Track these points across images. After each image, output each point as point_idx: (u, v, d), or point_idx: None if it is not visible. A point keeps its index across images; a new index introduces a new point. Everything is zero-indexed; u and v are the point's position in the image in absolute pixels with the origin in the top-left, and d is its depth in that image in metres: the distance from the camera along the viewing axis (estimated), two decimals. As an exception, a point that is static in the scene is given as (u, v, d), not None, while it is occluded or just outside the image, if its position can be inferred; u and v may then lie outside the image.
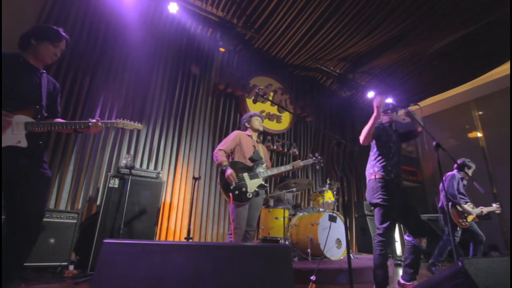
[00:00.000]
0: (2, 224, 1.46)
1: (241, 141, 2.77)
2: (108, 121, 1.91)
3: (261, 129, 2.95)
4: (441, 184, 3.83)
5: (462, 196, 3.74)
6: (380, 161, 2.34)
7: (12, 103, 1.45)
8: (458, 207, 3.63)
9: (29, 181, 1.50)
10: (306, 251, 3.57)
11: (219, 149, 2.70)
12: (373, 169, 2.36)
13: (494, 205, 3.87)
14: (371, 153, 2.46)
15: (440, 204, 3.82)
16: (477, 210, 3.72)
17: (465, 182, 3.85)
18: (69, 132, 1.80)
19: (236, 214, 2.49)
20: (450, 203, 3.64)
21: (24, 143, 1.46)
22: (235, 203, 2.49)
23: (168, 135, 4.35)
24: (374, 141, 2.45)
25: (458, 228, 3.61)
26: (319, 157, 3.08)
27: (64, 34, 1.76)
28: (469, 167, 3.87)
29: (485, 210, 3.78)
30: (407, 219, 2.29)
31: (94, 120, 1.76)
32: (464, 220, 3.59)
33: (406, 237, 2.32)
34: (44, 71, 1.73)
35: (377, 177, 2.30)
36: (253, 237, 2.68)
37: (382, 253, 2.14)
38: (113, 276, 1.12)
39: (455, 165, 3.82)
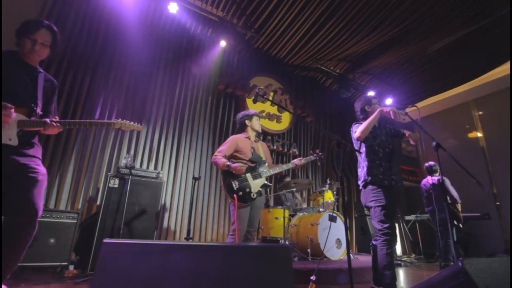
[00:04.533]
0: (2, 224, 1.45)
1: (239, 145, 2.71)
2: (105, 121, 1.86)
3: (260, 130, 2.90)
4: (430, 186, 4.16)
5: None
6: (371, 168, 2.26)
7: (6, 101, 1.40)
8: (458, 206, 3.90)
9: (21, 179, 1.44)
10: (306, 251, 3.57)
11: (216, 154, 2.66)
12: (364, 176, 2.29)
13: None
14: (362, 158, 2.36)
15: (430, 207, 4.14)
16: None
17: None
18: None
19: (238, 214, 2.48)
20: (450, 204, 3.94)
21: (15, 141, 1.42)
22: (238, 204, 2.47)
23: (168, 135, 4.34)
24: (364, 146, 2.36)
25: (455, 226, 3.84)
26: (320, 153, 2.97)
27: (44, 21, 1.55)
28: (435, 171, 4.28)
29: None
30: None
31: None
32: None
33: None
34: (41, 70, 1.64)
35: (369, 183, 2.24)
36: (254, 237, 2.68)
37: (389, 252, 2.06)
38: (113, 276, 1.12)
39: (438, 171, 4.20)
